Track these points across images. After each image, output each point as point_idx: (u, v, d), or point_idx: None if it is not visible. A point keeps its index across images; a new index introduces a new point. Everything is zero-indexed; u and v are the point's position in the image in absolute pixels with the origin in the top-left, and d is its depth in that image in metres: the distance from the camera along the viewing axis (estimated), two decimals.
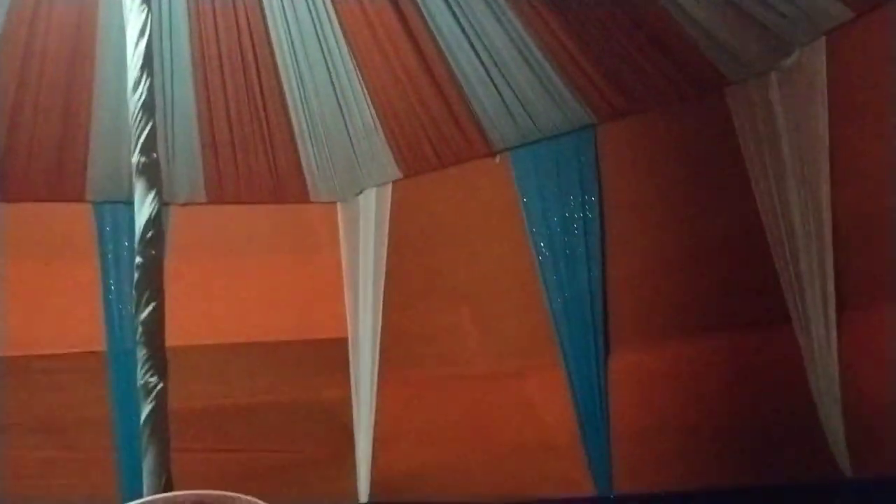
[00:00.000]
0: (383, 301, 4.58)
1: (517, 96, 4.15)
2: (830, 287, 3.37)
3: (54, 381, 4.06)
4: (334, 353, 4.58)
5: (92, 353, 4.17)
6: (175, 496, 2.07)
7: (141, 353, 2.42)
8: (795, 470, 3.40)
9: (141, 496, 2.25)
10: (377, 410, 4.48)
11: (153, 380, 2.32)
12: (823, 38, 3.41)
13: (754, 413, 3.54)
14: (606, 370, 3.91)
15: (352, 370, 4.60)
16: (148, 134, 2.70)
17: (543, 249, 4.19)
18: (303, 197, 4.68)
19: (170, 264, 4.05)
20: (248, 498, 1.98)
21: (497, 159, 4.39)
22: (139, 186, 2.63)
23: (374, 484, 4.44)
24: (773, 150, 3.59)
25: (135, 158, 2.66)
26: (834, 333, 3.35)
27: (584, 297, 4.01)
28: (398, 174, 4.60)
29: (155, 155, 2.70)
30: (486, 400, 4.24)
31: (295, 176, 4.61)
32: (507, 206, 4.31)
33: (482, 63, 4.07)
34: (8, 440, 3.89)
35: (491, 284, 4.35)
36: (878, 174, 3.26)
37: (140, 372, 2.37)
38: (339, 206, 4.80)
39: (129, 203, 2.77)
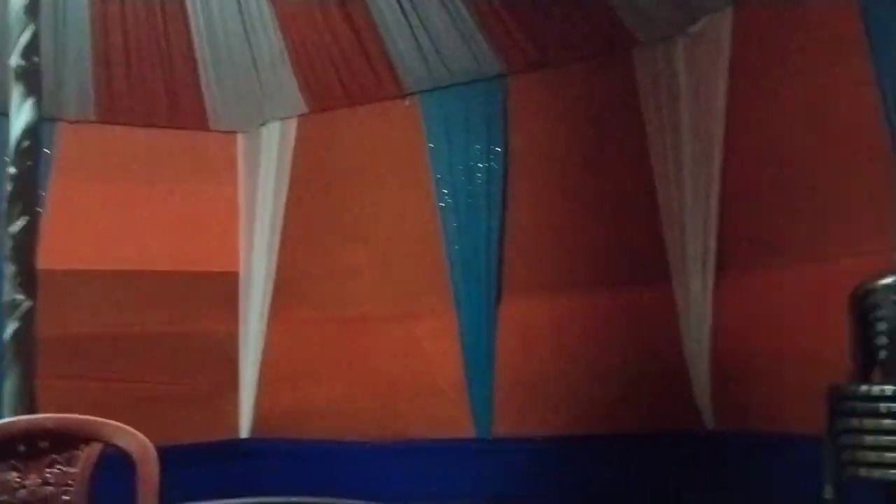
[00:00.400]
0: (280, 238, 4.50)
1: (432, 40, 4.09)
2: (712, 249, 3.52)
3: None
4: (224, 288, 4.48)
5: None
6: (37, 419, 1.99)
7: (9, 268, 2.29)
8: (663, 420, 3.58)
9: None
10: (265, 347, 4.43)
11: (21, 297, 2.20)
12: (731, 8, 3.49)
13: (630, 365, 3.70)
14: (495, 318, 3.98)
15: (241, 305, 4.52)
16: (30, 38, 2.51)
17: (446, 196, 4.19)
18: (201, 124, 4.50)
19: (56, 184, 3.90)
20: (115, 423, 1.92)
21: (407, 102, 4.34)
22: (16, 93, 2.45)
23: (256, 420, 4.41)
24: (672, 113, 3.69)
25: (13, 62, 2.47)
26: (710, 294, 3.52)
27: (480, 245, 4.05)
28: (304, 108, 4.49)
29: (36, 60, 2.51)
30: (377, 341, 4.26)
31: (194, 101, 4.42)
32: (414, 150, 4.28)
33: (399, 2, 3.98)
34: None
35: (391, 228, 4.34)
36: (766, 145, 3.40)
37: (7, 288, 2.24)
38: (239, 136, 4.65)
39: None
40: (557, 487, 3.66)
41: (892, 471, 2.42)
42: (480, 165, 4.14)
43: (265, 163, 4.59)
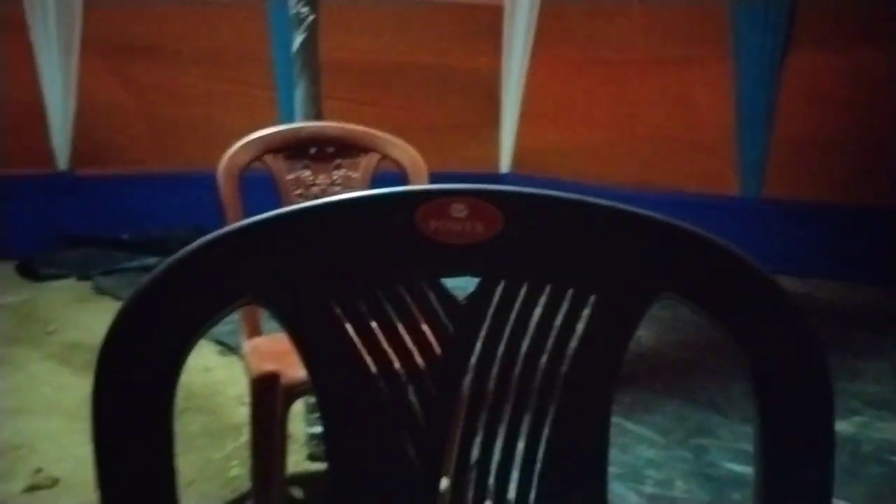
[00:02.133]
0: None
1: None
2: None
3: (220, 15, 4.11)
4: (488, 21, 4.38)
5: None
6: (322, 126, 2.15)
7: None
8: None
9: None
10: (526, 84, 4.37)
11: (305, 10, 2.28)
12: None
13: None
14: (780, 71, 3.56)
15: (504, 41, 4.42)
16: None
17: None
18: None
19: None
20: (390, 136, 2.02)
21: None
22: None
23: (515, 156, 4.48)
24: None
25: None
26: None
27: None
28: None
29: None
30: (641, 87, 4.03)
31: None
32: None
33: None
34: (176, 67, 4.08)
35: None
36: None
37: (292, 1, 2.33)
38: None
39: None
40: (823, 258, 3.42)
41: None
42: None
43: None
